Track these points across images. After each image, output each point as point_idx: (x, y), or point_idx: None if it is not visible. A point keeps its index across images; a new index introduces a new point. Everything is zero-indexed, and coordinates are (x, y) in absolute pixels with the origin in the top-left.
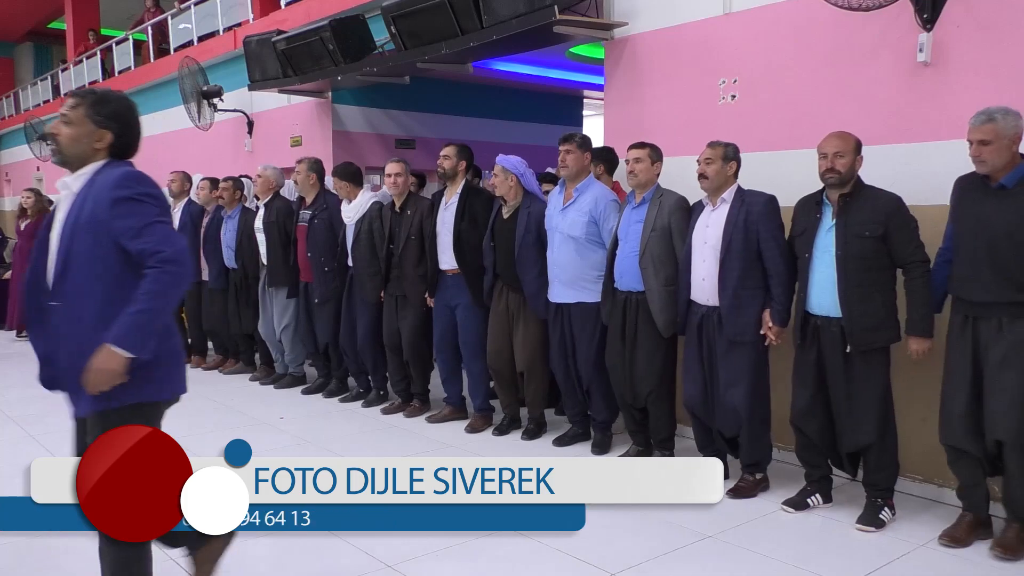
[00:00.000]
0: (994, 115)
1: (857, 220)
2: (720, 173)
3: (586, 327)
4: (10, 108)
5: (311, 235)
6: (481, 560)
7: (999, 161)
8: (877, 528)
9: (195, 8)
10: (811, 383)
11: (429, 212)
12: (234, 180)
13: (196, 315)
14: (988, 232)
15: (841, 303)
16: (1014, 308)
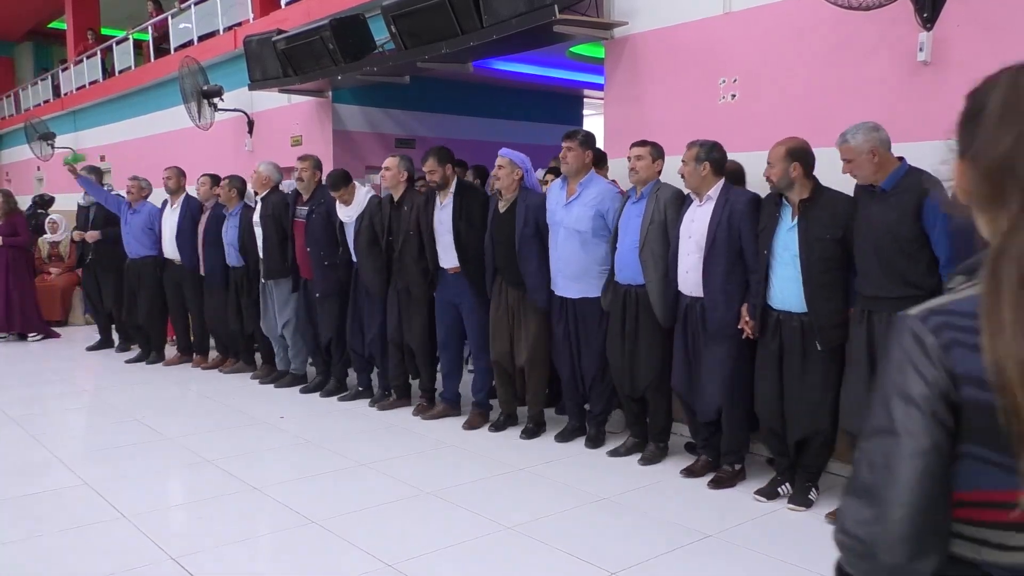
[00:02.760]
0: (847, 136)
1: (817, 224)
2: (694, 174)
3: (592, 321)
4: (10, 108)
5: (309, 230)
6: (481, 560)
7: (865, 172)
8: (807, 508)
9: (195, 8)
10: (772, 376)
11: (425, 207)
12: (230, 179)
13: (199, 312)
14: (874, 232)
15: (808, 303)
16: (902, 302)
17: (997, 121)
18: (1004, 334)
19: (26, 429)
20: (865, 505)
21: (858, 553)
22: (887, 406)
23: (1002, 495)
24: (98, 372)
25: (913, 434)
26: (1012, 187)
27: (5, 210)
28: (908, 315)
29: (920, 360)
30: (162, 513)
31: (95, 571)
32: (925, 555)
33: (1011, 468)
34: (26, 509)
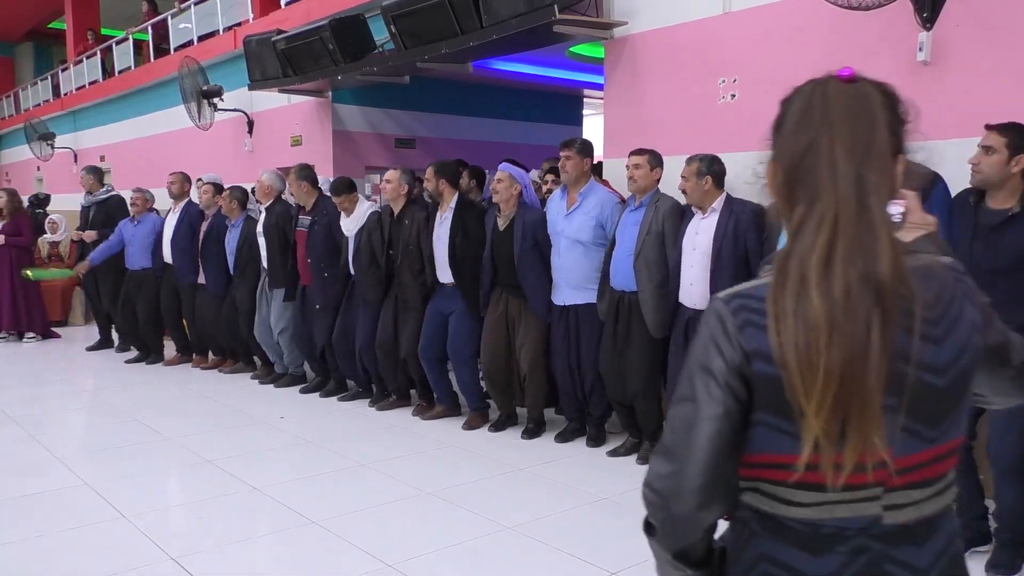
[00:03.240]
0: None
1: None
2: (696, 189)
3: (593, 327)
4: (10, 108)
5: (311, 241)
6: (481, 560)
7: None
8: None
9: (195, 8)
10: None
11: (425, 223)
12: (231, 190)
13: (194, 320)
14: None
15: None
16: None
17: (794, 128)
18: (786, 321)
19: (26, 429)
20: (666, 462)
21: (656, 505)
22: (691, 379)
23: (788, 458)
24: (98, 372)
25: (709, 402)
26: (801, 190)
27: (10, 209)
28: (717, 297)
29: (720, 338)
30: (162, 513)
31: (95, 571)
32: (710, 507)
33: (795, 434)
34: (26, 509)
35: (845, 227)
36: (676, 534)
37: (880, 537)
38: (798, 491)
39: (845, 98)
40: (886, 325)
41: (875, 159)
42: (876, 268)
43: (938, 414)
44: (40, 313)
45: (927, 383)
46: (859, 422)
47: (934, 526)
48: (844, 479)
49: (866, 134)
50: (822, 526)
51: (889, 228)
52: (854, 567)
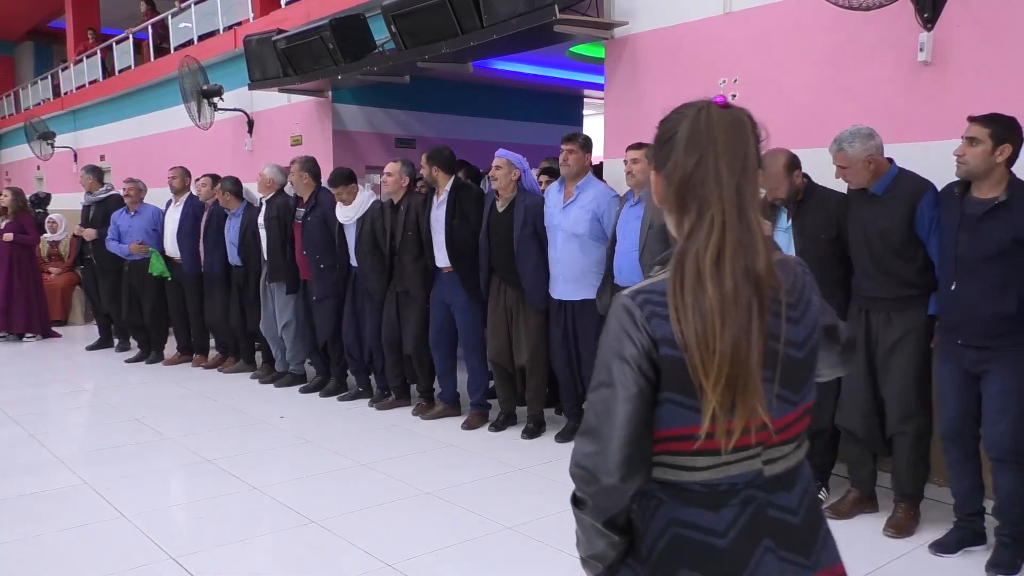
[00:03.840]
0: (843, 144)
1: (812, 224)
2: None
3: (591, 322)
4: (10, 107)
5: (305, 233)
6: (481, 560)
7: (860, 179)
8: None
9: (195, 7)
10: None
11: (423, 207)
12: (222, 182)
13: (198, 311)
14: (867, 236)
15: None
16: (900, 302)
17: (684, 147)
18: (686, 312)
19: (26, 429)
20: (591, 442)
21: (585, 480)
22: (607, 366)
23: (690, 430)
24: (98, 372)
25: (625, 385)
26: (692, 199)
27: (14, 208)
28: (622, 294)
29: (631, 328)
30: (162, 513)
31: (95, 571)
32: (633, 477)
33: (696, 408)
34: (26, 509)
35: (731, 231)
36: (606, 505)
37: (762, 487)
38: (697, 457)
39: (725, 122)
40: (762, 311)
41: (750, 173)
42: (755, 264)
43: (799, 381)
44: (42, 313)
45: (791, 356)
46: (746, 394)
47: (798, 474)
48: (735, 442)
49: (743, 152)
50: (718, 485)
51: (762, 230)
52: (745, 515)
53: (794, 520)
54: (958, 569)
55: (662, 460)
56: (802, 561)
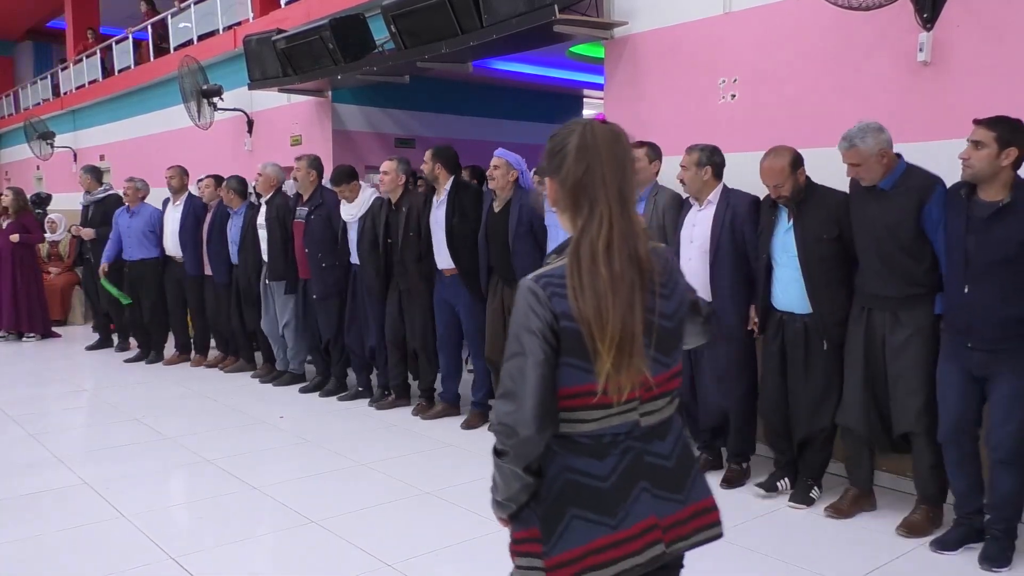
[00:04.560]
0: (854, 140)
1: (813, 224)
2: (695, 179)
3: None
4: (10, 107)
5: (308, 232)
6: (481, 560)
7: (875, 175)
8: (808, 506)
9: (195, 7)
10: (776, 375)
11: (424, 208)
12: (227, 181)
13: (199, 310)
14: (874, 232)
15: (812, 303)
16: (908, 300)
17: (575, 157)
18: (583, 291)
19: (26, 429)
20: (509, 403)
21: (507, 434)
22: (518, 338)
23: (586, 388)
24: (98, 372)
25: (534, 353)
26: (583, 200)
27: (15, 208)
28: (527, 279)
29: (536, 306)
30: (162, 513)
31: (94, 570)
32: (545, 429)
33: (590, 370)
34: (26, 508)
35: (616, 223)
36: (524, 452)
37: (639, 437)
38: (588, 411)
39: (606, 135)
40: (643, 289)
41: (628, 177)
42: (637, 250)
43: (670, 347)
44: (42, 313)
45: (664, 327)
46: (632, 356)
47: (670, 425)
48: (622, 397)
49: (621, 160)
50: (602, 436)
51: (640, 223)
52: (624, 462)
53: (668, 464)
54: (959, 566)
55: (563, 416)
56: (675, 497)
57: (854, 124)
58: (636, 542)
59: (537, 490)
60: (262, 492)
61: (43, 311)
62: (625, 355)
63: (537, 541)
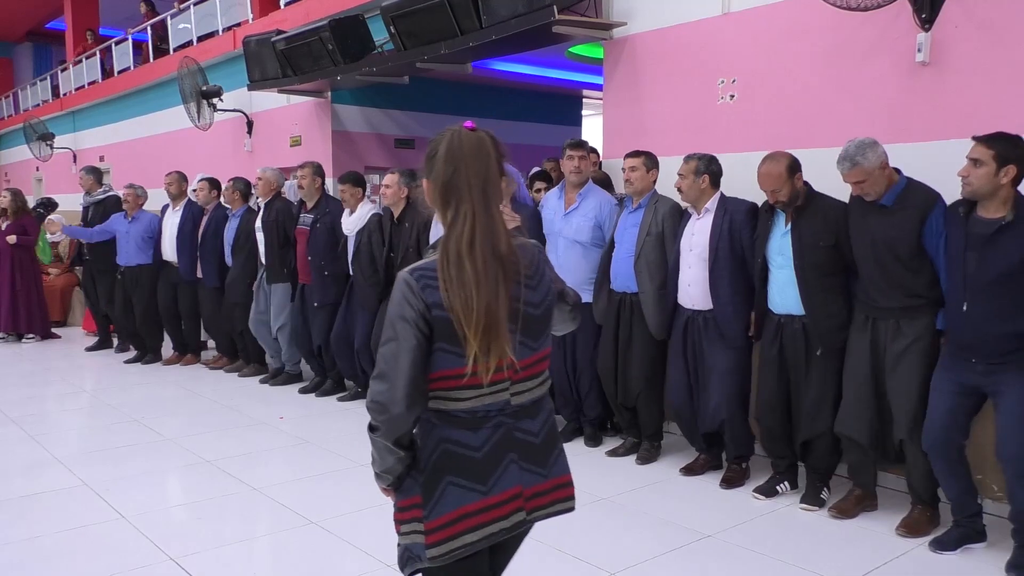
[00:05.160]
0: (855, 159)
1: (810, 231)
2: (693, 187)
3: (589, 328)
4: (9, 108)
5: (312, 239)
6: None
7: (879, 188)
8: (820, 507)
9: (194, 8)
10: (774, 379)
11: (425, 227)
12: (234, 181)
13: (193, 314)
14: (875, 247)
15: (805, 308)
16: (909, 311)
17: (444, 160)
18: (452, 283)
19: (25, 429)
20: (382, 383)
21: (379, 411)
22: (393, 326)
23: (457, 371)
24: (97, 372)
25: (407, 339)
26: (451, 199)
27: (14, 209)
28: (403, 272)
29: (410, 297)
30: (161, 513)
31: (94, 571)
32: (414, 407)
33: (461, 354)
34: (25, 509)
35: (479, 222)
36: (394, 428)
37: (510, 414)
38: (462, 391)
39: (471, 142)
40: (507, 281)
41: (492, 179)
42: (499, 246)
43: (538, 333)
44: (42, 314)
45: (530, 314)
46: (497, 341)
47: (540, 405)
48: (490, 378)
49: (485, 163)
50: (477, 411)
51: (503, 221)
52: (496, 436)
53: (535, 440)
54: (958, 566)
55: (436, 394)
56: (539, 471)
57: (853, 124)
58: (504, 508)
59: (415, 461)
60: (261, 493)
61: (42, 312)
62: (491, 339)
63: (418, 507)
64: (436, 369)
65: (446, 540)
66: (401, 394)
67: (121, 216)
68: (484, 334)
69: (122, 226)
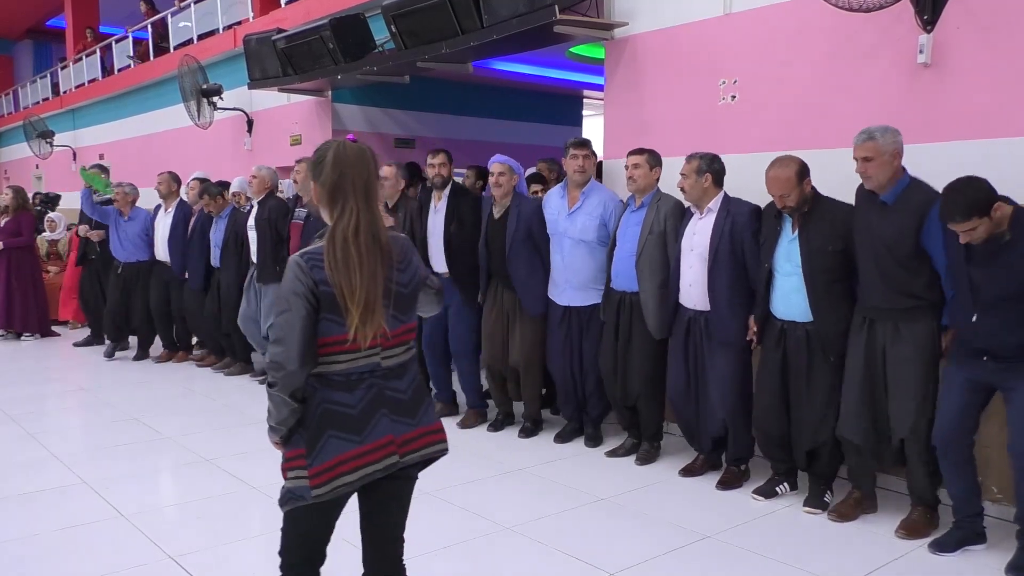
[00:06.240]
0: (874, 133)
1: (818, 236)
2: (695, 187)
3: (596, 327)
4: (9, 106)
5: (306, 232)
6: (479, 560)
7: (883, 176)
8: (823, 510)
9: (195, 6)
10: (775, 385)
11: (418, 214)
12: (206, 186)
13: (182, 313)
14: (873, 246)
15: (813, 314)
16: (908, 312)
17: (331, 165)
18: (337, 264)
19: (24, 427)
20: (279, 346)
21: (276, 368)
22: (287, 299)
23: (340, 337)
24: (96, 371)
25: (298, 310)
26: (338, 198)
27: (15, 207)
28: (294, 256)
29: (301, 275)
30: (160, 512)
31: (93, 570)
32: (306, 365)
33: (343, 324)
34: (24, 507)
35: (363, 216)
36: (290, 383)
37: (381, 376)
38: (341, 355)
39: (354, 150)
40: (383, 264)
41: (371, 182)
42: (379, 236)
43: (406, 308)
44: (41, 312)
45: (401, 292)
46: (375, 314)
47: (407, 368)
48: (367, 344)
49: (366, 169)
50: (351, 374)
51: (380, 218)
52: (370, 395)
53: (404, 397)
54: (958, 568)
55: (321, 359)
56: (409, 421)
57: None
58: (376, 453)
59: (303, 418)
60: (261, 491)
61: (40, 310)
62: (369, 312)
63: (303, 457)
64: (323, 336)
65: (328, 482)
66: (295, 354)
67: (115, 212)
68: (364, 308)
69: (117, 222)
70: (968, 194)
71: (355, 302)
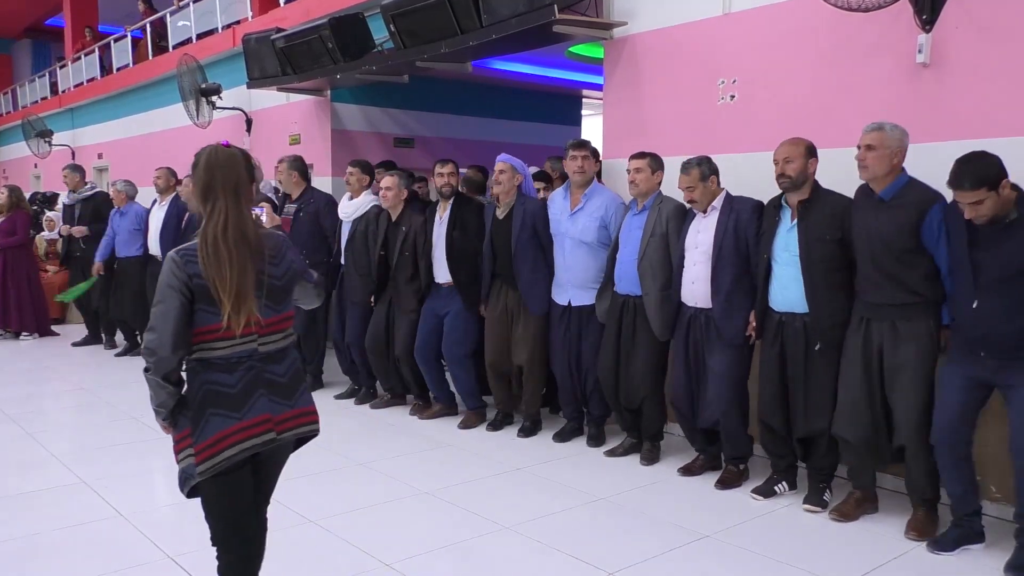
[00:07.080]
0: (884, 125)
1: (816, 224)
2: (705, 193)
3: (595, 328)
4: (8, 105)
5: (295, 228)
6: (478, 559)
7: (879, 168)
8: (823, 508)
9: (194, 5)
10: (776, 377)
11: (422, 228)
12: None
13: None
14: (870, 242)
15: (809, 303)
16: (906, 310)
17: (204, 167)
18: (209, 259)
19: (23, 427)
20: (153, 334)
21: (150, 354)
22: (162, 292)
23: (215, 326)
24: (94, 370)
25: (172, 301)
26: (210, 197)
27: (9, 206)
28: (171, 252)
29: (176, 270)
30: (159, 511)
31: (92, 569)
32: (177, 351)
33: (217, 314)
34: (23, 507)
35: (231, 214)
36: (162, 367)
37: (259, 360)
38: (218, 342)
39: (225, 155)
40: (254, 258)
41: (242, 183)
42: (247, 232)
43: (280, 299)
44: (38, 312)
45: (274, 284)
46: (246, 304)
47: (285, 353)
48: (241, 332)
49: (235, 172)
50: (231, 358)
51: (251, 216)
52: (248, 376)
53: (282, 380)
54: (956, 567)
55: (200, 347)
56: (286, 402)
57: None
58: (255, 429)
59: (186, 402)
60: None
61: (37, 310)
62: (241, 302)
63: (189, 436)
64: (197, 325)
65: (211, 457)
66: (167, 341)
67: (115, 212)
68: (235, 298)
69: (116, 221)
70: (979, 164)
71: (227, 293)
